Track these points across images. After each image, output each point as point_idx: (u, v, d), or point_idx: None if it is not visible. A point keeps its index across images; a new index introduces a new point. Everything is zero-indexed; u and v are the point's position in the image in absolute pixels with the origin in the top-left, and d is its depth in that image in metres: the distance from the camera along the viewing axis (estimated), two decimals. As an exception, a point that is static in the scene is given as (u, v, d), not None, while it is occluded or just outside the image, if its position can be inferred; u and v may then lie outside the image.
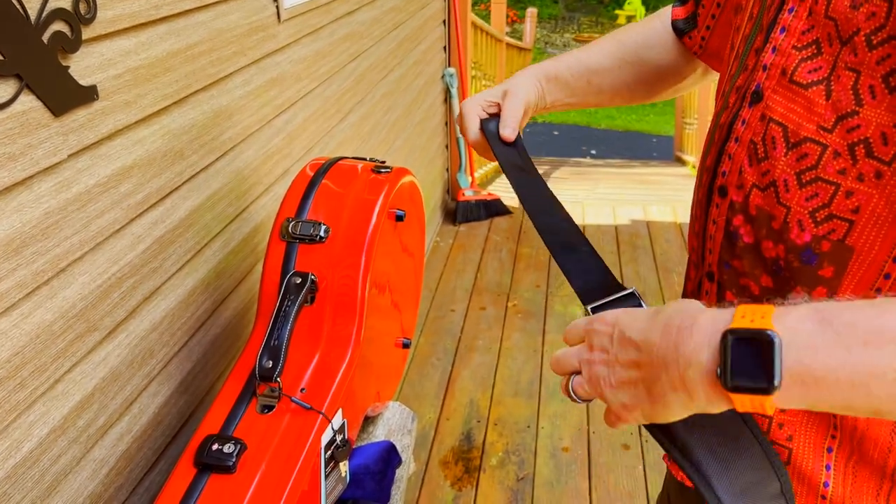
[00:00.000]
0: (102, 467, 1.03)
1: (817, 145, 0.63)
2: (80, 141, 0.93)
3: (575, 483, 2.22)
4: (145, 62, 1.06)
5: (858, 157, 0.61)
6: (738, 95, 0.72)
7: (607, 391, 0.60)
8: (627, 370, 0.58)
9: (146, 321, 1.12)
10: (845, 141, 0.61)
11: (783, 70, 0.65)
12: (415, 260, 1.43)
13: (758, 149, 0.68)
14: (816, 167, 0.63)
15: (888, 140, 0.58)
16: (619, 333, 0.59)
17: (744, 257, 0.71)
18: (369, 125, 2.33)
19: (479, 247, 3.71)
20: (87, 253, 0.97)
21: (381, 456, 1.18)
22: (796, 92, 0.64)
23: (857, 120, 0.60)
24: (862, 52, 0.59)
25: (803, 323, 0.48)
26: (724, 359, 0.50)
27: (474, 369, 2.76)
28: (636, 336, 0.57)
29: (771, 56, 0.66)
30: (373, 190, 1.16)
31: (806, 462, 0.72)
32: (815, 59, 0.63)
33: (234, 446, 0.94)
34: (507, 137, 0.92)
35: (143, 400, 1.13)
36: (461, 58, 3.79)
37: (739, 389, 0.49)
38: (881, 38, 0.57)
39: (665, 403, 0.55)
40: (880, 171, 0.60)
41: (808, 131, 0.63)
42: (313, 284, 1.07)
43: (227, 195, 1.33)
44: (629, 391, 0.58)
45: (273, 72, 1.52)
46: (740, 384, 0.49)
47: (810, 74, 0.63)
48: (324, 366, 1.07)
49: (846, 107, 0.60)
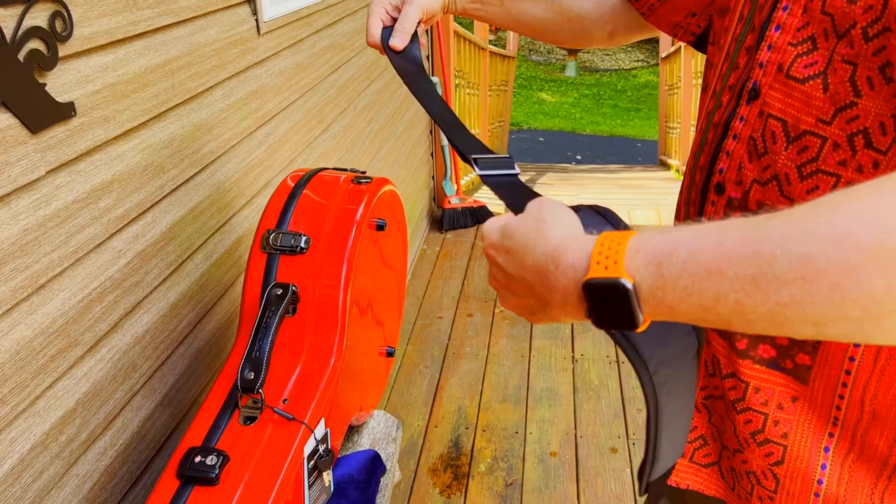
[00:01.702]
0: (86, 482, 1.03)
1: (817, 138, 0.64)
2: (59, 157, 0.93)
3: (563, 487, 2.23)
4: (123, 78, 1.06)
5: (857, 147, 0.62)
6: (733, 94, 0.73)
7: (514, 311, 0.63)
8: (520, 296, 0.60)
9: (128, 335, 1.12)
10: (844, 132, 0.62)
11: (780, 66, 0.67)
12: (397, 268, 1.44)
13: (757, 144, 0.69)
14: (817, 159, 0.65)
15: (886, 130, 0.60)
16: (505, 265, 0.60)
17: None
18: (352, 136, 2.34)
19: (465, 254, 3.72)
20: (68, 268, 0.97)
21: (365, 465, 1.19)
22: (793, 87, 0.66)
23: (856, 111, 0.61)
24: (858, 45, 0.60)
25: (652, 258, 0.49)
26: (590, 308, 0.53)
27: (462, 376, 2.77)
28: (515, 274, 0.59)
29: (767, 53, 0.68)
30: (353, 200, 1.17)
31: (801, 460, 0.73)
32: (811, 54, 0.64)
33: (216, 458, 0.95)
34: (395, 47, 0.97)
35: (127, 414, 1.13)
36: (444, 67, 3.81)
37: (610, 332, 0.54)
38: (877, 30, 0.59)
39: (556, 318, 0.58)
40: (878, 161, 0.61)
41: (807, 124, 0.65)
42: (294, 295, 1.08)
43: (208, 208, 1.34)
44: (526, 310, 0.61)
45: (253, 84, 1.53)
46: (609, 327, 0.53)
47: (807, 69, 0.64)
48: (306, 376, 1.08)
49: (844, 98, 0.62)
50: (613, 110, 10.87)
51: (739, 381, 0.75)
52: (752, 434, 0.76)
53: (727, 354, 0.76)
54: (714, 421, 0.82)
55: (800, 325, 0.45)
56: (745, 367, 0.74)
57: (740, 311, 0.46)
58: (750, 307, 0.45)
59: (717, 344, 0.77)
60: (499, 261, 0.60)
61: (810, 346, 0.69)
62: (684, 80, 5.43)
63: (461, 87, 4.48)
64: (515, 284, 0.59)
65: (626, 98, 11.54)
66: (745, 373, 0.74)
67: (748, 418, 0.76)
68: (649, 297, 0.49)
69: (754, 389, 0.74)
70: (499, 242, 0.60)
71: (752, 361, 0.74)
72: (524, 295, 0.59)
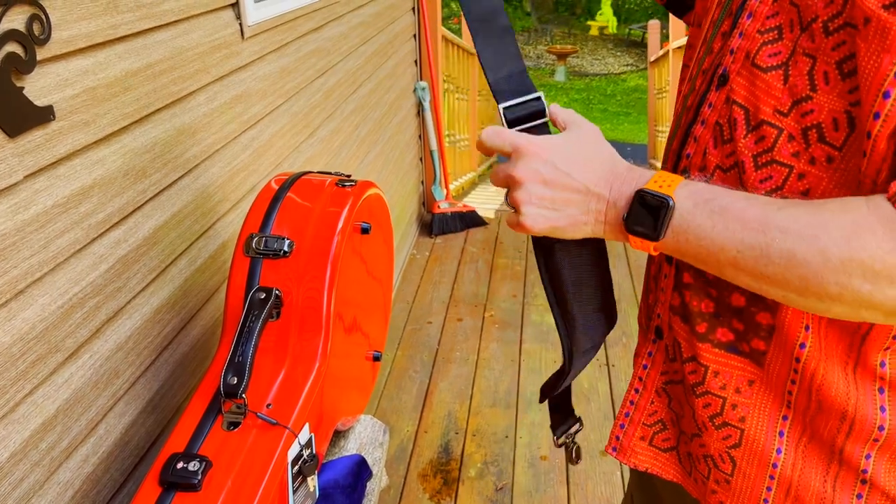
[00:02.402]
0: (67, 490, 1.02)
1: (774, 128, 0.65)
2: (37, 162, 0.92)
3: (553, 491, 2.22)
4: (103, 82, 1.06)
5: (811, 141, 0.62)
6: (705, 78, 0.74)
7: (527, 205, 0.70)
8: (561, 190, 0.69)
9: (111, 341, 1.11)
10: (799, 125, 0.63)
11: (747, 53, 0.67)
12: (383, 271, 1.44)
13: (723, 130, 0.70)
14: (772, 150, 0.65)
15: (839, 126, 0.60)
16: (553, 162, 0.69)
17: None
18: (339, 140, 2.34)
19: (455, 258, 3.72)
20: (47, 274, 0.96)
21: (351, 470, 1.18)
22: (757, 75, 0.66)
23: (811, 105, 0.62)
24: (819, 39, 0.61)
25: (694, 197, 0.63)
26: (631, 210, 0.66)
27: (452, 381, 2.76)
28: (574, 169, 0.69)
29: (738, 40, 0.68)
30: (337, 203, 1.17)
31: (758, 443, 0.74)
32: (776, 43, 0.65)
33: (199, 464, 0.94)
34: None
35: (110, 421, 1.12)
36: (433, 71, 3.82)
37: (635, 233, 0.66)
38: (837, 25, 0.59)
39: (575, 224, 0.70)
40: (831, 155, 0.62)
41: (765, 114, 0.65)
42: (278, 300, 1.07)
43: (192, 213, 1.33)
44: (547, 206, 0.69)
45: (238, 89, 1.52)
46: (637, 230, 0.66)
47: (770, 59, 0.65)
48: (290, 381, 1.07)
49: (801, 91, 0.62)
50: (603, 114, 10.91)
51: (699, 365, 0.76)
52: (711, 417, 0.77)
53: (688, 338, 0.77)
54: (673, 406, 0.83)
55: (770, 289, 0.61)
56: (705, 351, 0.75)
57: (734, 263, 0.61)
58: (742, 264, 0.61)
59: (679, 328, 0.78)
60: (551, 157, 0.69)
61: (764, 331, 0.71)
62: (672, 85, 5.45)
63: (450, 92, 4.49)
64: (564, 182, 0.68)
65: (616, 102, 11.58)
66: (704, 356, 0.75)
67: (707, 402, 0.76)
68: (679, 221, 0.63)
69: (713, 373, 0.75)
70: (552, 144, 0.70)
71: (712, 345, 0.75)
72: (569, 190, 0.68)
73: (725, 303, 0.73)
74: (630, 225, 0.66)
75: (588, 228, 0.70)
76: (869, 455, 0.69)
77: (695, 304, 0.75)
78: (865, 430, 0.68)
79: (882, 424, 0.68)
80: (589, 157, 0.70)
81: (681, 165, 0.76)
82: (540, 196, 0.69)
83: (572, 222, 0.69)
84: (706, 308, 0.74)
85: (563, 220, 0.69)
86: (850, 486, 0.70)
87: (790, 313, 0.68)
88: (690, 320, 0.76)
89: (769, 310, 0.70)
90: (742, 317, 0.72)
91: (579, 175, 0.68)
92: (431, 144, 3.90)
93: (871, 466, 0.69)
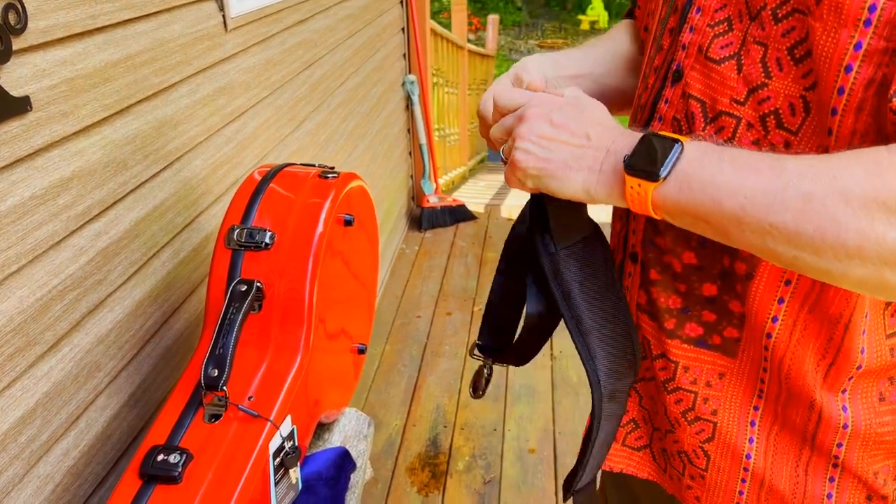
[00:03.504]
0: (47, 484, 1.01)
1: (732, 118, 0.65)
2: (14, 153, 0.91)
3: (541, 484, 2.23)
4: (82, 72, 1.05)
5: (770, 127, 0.63)
6: (658, 76, 0.74)
7: (523, 140, 0.66)
8: (557, 129, 0.65)
9: (91, 334, 1.10)
10: (757, 113, 0.63)
11: (700, 47, 0.67)
12: (367, 264, 1.43)
13: (681, 125, 0.70)
14: (733, 139, 0.65)
15: (795, 110, 0.61)
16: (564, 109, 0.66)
17: (667, 234, 0.73)
18: (326, 133, 2.33)
19: (444, 252, 3.71)
20: (25, 266, 0.95)
21: (334, 462, 1.18)
22: (711, 68, 0.66)
23: (767, 92, 0.62)
24: (769, 26, 0.61)
25: (703, 146, 0.59)
26: (635, 151, 0.60)
27: (441, 375, 2.76)
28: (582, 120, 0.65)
29: (689, 35, 0.69)
30: (319, 194, 1.16)
31: (730, 435, 0.75)
32: (727, 35, 0.65)
33: (179, 456, 0.93)
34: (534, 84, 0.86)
35: (91, 414, 1.11)
36: (421, 65, 3.81)
37: (634, 172, 0.60)
38: (786, 12, 0.60)
39: (565, 169, 0.64)
40: (788, 140, 0.62)
41: (723, 105, 0.66)
42: (259, 292, 1.07)
43: (174, 205, 1.32)
44: (543, 146, 0.65)
45: (221, 81, 1.51)
46: (637, 167, 0.60)
47: (722, 50, 0.65)
48: (272, 373, 1.07)
49: (756, 79, 0.63)
50: (594, 109, 10.87)
51: (669, 362, 0.76)
52: (683, 413, 0.77)
53: (656, 335, 0.77)
54: (644, 404, 0.84)
55: (779, 247, 0.54)
56: (674, 347, 0.76)
57: (741, 215, 0.55)
58: (751, 214, 0.54)
59: (647, 325, 0.78)
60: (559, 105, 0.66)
61: (737, 319, 0.71)
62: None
63: (439, 86, 4.48)
64: (564, 119, 0.65)
65: (606, 97, 11.55)
66: (673, 352, 0.76)
67: (678, 398, 0.77)
68: (685, 165, 0.58)
69: (683, 369, 0.75)
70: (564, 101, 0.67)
71: (681, 341, 0.75)
72: (564, 128, 0.65)
73: (696, 294, 0.73)
74: (631, 162, 0.60)
75: (578, 178, 0.63)
76: (840, 444, 0.70)
77: (662, 301, 0.75)
78: (832, 427, 0.69)
79: (846, 423, 0.69)
80: (599, 119, 0.66)
81: None
82: (539, 133, 0.65)
83: (562, 167, 0.64)
84: (674, 304, 0.75)
85: (554, 164, 0.64)
86: (823, 471, 0.71)
87: (759, 297, 0.68)
88: (658, 317, 0.76)
89: (739, 298, 0.70)
90: (714, 306, 0.72)
91: (586, 125, 0.65)
92: (420, 138, 3.89)
93: (843, 454, 0.70)
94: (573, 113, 0.66)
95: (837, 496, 0.71)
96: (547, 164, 0.64)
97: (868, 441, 0.69)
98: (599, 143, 0.63)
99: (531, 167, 0.65)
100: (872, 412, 0.69)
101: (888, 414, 0.69)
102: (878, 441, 0.69)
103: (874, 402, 0.69)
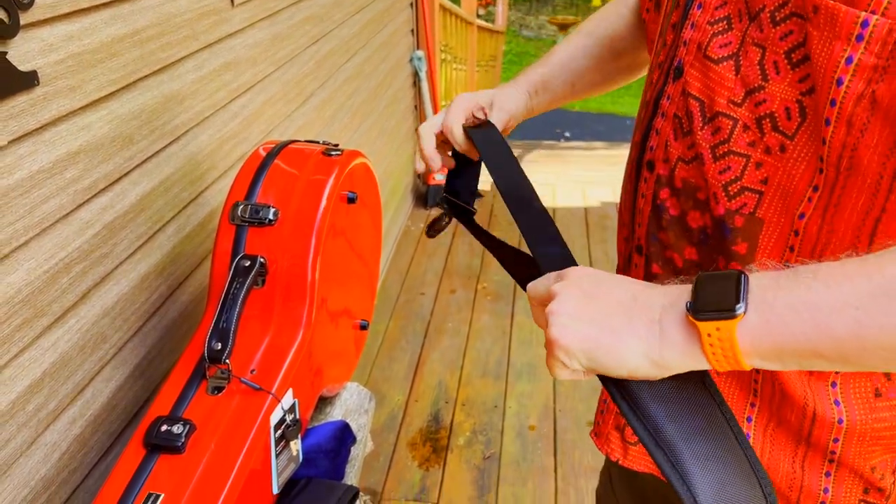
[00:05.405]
0: (54, 451, 1.04)
1: (729, 119, 0.65)
2: (22, 127, 0.93)
3: (540, 460, 2.26)
4: (89, 47, 1.05)
5: (765, 130, 0.63)
6: (661, 71, 0.74)
7: (558, 315, 0.56)
8: (594, 297, 0.56)
9: (97, 306, 1.12)
10: (753, 115, 0.63)
11: (699, 45, 0.67)
12: (371, 241, 1.45)
13: (682, 123, 0.70)
14: (729, 140, 0.65)
15: (791, 115, 0.61)
16: (597, 277, 0.58)
17: (669, 230, 0.74)
18: (332, 109, 2.33)
19: (449, 230, 3.72)
20: (33, 239, 0.97)
21: (334, 435, 1.20)
22: (709, 67, 0.66)
23: (764, 94, 0.62)
24: (767, 28, 0.61)
25: (765, 271, 0.51)
26: (696, 292, 0.51)
27: (443, 351, 2.78)
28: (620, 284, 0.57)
29: (690, 32, 0.68)
30: (323, 171, 1.17)
31: None
32: (726, 34, 0.65)
33: (182, 427, 0.95)
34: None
35: (97, 384, 1.14)
36: (429, 41, 3.79)
37: (705, 312, 0.50)
38: (784, 15, 0.60)
39: (618, 336, 0.53)
40: (784, 144, 0.62)
41: (720, 106, 0.65)
42: (262, 267, 1.08)
43: (180, 180, 1.34)
44: (584, 319, 0.55)
45: (227, 56, 1.51)
46: (706, 310, 0.50)
47: (721, 49, 0.65)
48: (274, 347, 1.09)
49: (753, 81, 0.63)
50: (603, 87, 10.80)
51: None
52: None
53: None
54: None
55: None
56: None
57: (856, 329, 0.46)
58: (867, 325, 0.45)
59: None
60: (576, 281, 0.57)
61: None
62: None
63: (447, 62, 4.46)
64: (598, 289, 0.56)
65: (617, 75, 11.45)
66: None
67: None
68: (758, 292, 0.49)
69: None
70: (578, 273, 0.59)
71: None
72: (603, 296, 0.56)
73: None
74: (698, 305, 0.50)
75: (636, 346, 0.53)
76: (837, 439, 0.70)
77: None
78: (826, 423, 0.69)
79: (840, 417, 0.69)
80: (634, 280, 0.58)
81: (645, 158, 0.76)
82: (575, 306, 0.56)
83: (612, 336, 0.54)
84: None
85: (601, 334, 0.54)
86: (819, 466, 0.71)
87: None
88: None
89: None
90: None
91: (626, 285, 0.57)
92: (428, 115, 3.88)
93: (839, 448, 0.70)
94: (606, 276, 0.58)
95: (834, 490, 0.71)
96: (593, 336, 0.54)
97: (864, 437, 0.69)
98: (649, 301, 0.54)
99: (574, 346, 0.55)
100: (868, 407, 0.69)
101: (885, 410, 0.69)
102: (876, 437, 0.69)
103: (869, 397, 0.69)
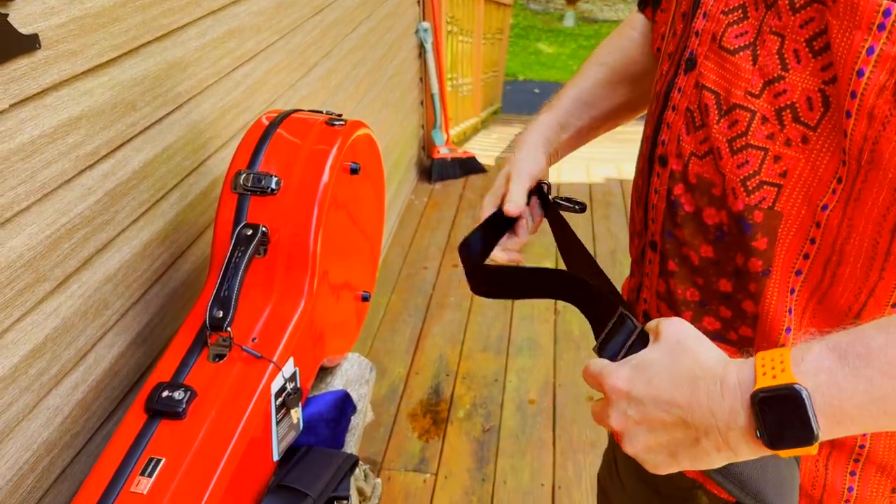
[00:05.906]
0: (57, 415, 1.05)
1: (746, 111, 0.63)
2: (23, 90, 0.92)
3: (539, 434, 2.27)
4: (91, 11, 1.04)
5: (786, 122, 0.61)
6: (672, 62, 0.72)
7: (644, 454, 0.58)
8: (661, 432, 0.56)
9: (99, 272, 1.12)
10: (773, 106, 0.61)
11: (713, 36, 0.65)
12: (373, 213, 1.44)
13: (694, 116, 0.68)
14: (746, 134, 0.63)
15: (813, 105, 0.59)
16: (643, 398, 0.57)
17: (685, 226, 0.72)
18: (336, 79, 2.31)
19: (453, 205, 3.72)
20: (34, 203, 0.97)
21: (335, 404, 1.21)
22: (725, 58, 0.64)
23: (784, 85, 0.60)
24: (786, 16, 0.59)
25: (822, 364, 0.50)
26: (759, 422, 0.51)
27: (445, 325, 2.79)
28: (657, 408, 0.56)
29: (702, 22, 0.66)
30: (326, 141, 1.17)
31: None
32: (742, 23, 0.63)
33: (184, 393, 0.96)
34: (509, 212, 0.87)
35: (99, 350, 1.14)
36: (436, 12, 3.75)
37: (785, 445, 0.50)
38: (804, 2, 0.58)
39: (709, 461, 0.55)
40: (807, 135, 0.60)
41: (737, 98, 0.63)
42: (264, 236, 1.08)
43: (182, 148, 1.33)
44: (666, 449, 0.57)
45: (231, 23, 1.50)
46: (783, 444, 0.50)
47: (737, 39, 0.63)
48: (276, 316, 1.09)
49: (772, 72, 0.61)
50: (611, 63, 10.69)
51: None
52: None
53: None
54: None
55: None
56: None
57: None
58: None
59: (666, 314, 0.77)
60: (634, 394, 0.57)
61: (750, 318, 0.70)
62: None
63: (453, 35, 4.41)
64: (656, 419, 0.56)
65: (624, 51, 11.33)
66: None
67: None
68: (826, 407, 0.49)
69: None
70: (632, 375, 0.58)
71: None
72: (668, 429, 0.55)
73: (713, 289, 0.71)
74: (774, 443, 0.50)
75: (715, 457, 0.55)
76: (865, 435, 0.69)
77: (679, 293, 0.74)
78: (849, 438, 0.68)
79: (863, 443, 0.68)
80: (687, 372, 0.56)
81: (657, 152, 0.74)
82: (646, 443, 0.57)
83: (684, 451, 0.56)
84: (691, 296, 0.73)
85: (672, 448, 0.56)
86: (843, 465, 0.70)
87: (774, 301, 0.67)
88: (676, 308, 0.75)
89: (752, 298, 0.69)
90: (730, 303, 0.71)
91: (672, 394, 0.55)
92: (433, 87, 3.86)
93: (868, 443, 0.69)
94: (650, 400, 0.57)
95: (859, 489, 0.70)
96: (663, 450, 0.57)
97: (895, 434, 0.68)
98: (702, 422, 0.53)
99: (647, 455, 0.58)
100: None
101: None
102: None
103: None
